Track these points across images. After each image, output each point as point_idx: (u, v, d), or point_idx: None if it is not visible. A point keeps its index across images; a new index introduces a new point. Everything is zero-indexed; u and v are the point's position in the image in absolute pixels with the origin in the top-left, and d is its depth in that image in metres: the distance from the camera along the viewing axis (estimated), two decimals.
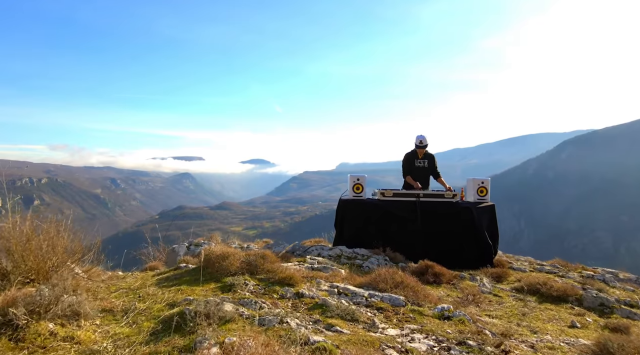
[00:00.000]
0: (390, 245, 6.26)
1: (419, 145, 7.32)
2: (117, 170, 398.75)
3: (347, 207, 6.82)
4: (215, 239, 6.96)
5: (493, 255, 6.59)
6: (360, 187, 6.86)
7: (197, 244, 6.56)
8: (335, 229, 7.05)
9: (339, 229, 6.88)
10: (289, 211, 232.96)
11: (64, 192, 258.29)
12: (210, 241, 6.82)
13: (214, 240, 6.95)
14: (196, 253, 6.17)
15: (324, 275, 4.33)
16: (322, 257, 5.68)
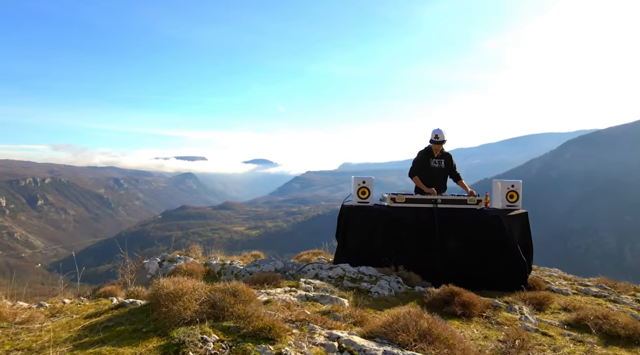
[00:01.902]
0: (403, 263, 5.16)
1: (434, 141, 6.21)
2: (120, 170, 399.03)
3: (351, 216, 5.72)
4: (194, 252, 5.89)
5: (527, 274, 5.48)
6: (367, 191, 5.76)
7: (171, 259, 5.49)
8: (337, 241, 5.96)
9: (342, 241, 5.78)
10: (292, 211, 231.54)
11: (67, 192, 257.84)
12: (188, 256, 5.74)
13: (192, 254, 5.87)
14: (168, 271, 5.09)
15: (319, 312, 3.23)
16: (320, 279, 4.59)
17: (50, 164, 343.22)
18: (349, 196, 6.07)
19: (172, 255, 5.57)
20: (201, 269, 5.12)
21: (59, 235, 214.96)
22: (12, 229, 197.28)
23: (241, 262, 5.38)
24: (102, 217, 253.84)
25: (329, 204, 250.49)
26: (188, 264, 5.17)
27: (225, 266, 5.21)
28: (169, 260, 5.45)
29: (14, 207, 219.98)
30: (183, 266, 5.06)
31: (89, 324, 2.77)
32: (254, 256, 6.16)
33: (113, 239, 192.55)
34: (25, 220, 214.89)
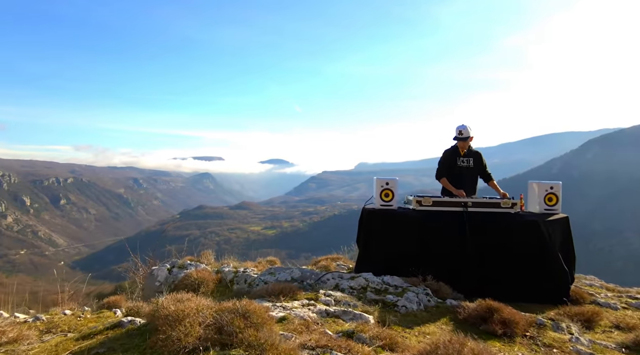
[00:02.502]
0: (432, 272, 4.70)
1: (458, 137, 5.70)
2: (139, 170, 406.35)
3: (373, 220, 5.29)
4: (206, 258, 5.54)
5: (569, 285, 4.96)
6: (390, 193, 5.32)
7: (181, 266, 5.14)
8: (358, 247, 5.54)
9: (363, 248, 5.36)
10: (308, 211, 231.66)
11: (88, 192, 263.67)
12: (200, 262, 5.39)
13: (204, 259, 5.52)
14: (178, 279, 4.76)
15: (342, 332, 2.83)
16: (340, 290, 4.18)
17: (72, 164, 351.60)
18: (371, 198, 5.64)
19: (183, 262, 5.23)
20: (212, 277, 4.77)
21: (80, 234, 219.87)
22: (36, 228, 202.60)
23: (255, 270, 5.01)
24: (122, 217, 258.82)
25: (345, 204, 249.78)
26: (199, 271, 4.83)
27: (238, 274, 4.84)
28: (179, 266, 5.11)
29: (37, 206, 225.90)
30: (193, 274, 4.71)
31: (79, 349, 2.43)
32: (269, 262, 5.79)
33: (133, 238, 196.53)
34: (48, 219, 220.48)
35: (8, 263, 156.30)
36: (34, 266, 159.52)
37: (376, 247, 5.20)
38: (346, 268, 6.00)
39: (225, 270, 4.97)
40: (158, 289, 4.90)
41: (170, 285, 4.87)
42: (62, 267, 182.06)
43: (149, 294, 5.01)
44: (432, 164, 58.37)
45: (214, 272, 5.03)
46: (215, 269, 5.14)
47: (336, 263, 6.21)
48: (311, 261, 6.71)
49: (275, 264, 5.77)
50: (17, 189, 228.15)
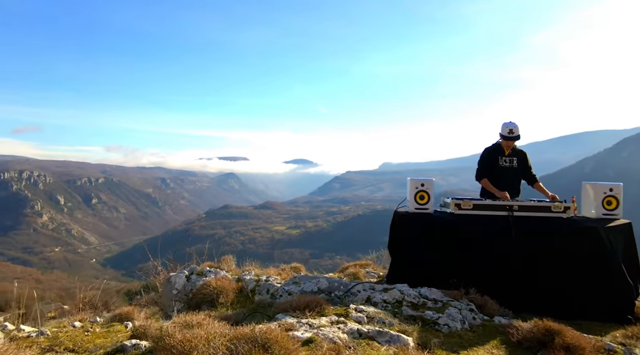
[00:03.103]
0: (474, 284, 4.21)
1: (507, 137, 5.19)
2: (167, 170, 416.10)
3: (407, 225, 4.82)
4: (226, 264, 5.20)
5: (635, 301, 4.35)
6: (426, 195, 4.84)
7: (200, 272, 4.82)
8: (390, 254, 5.08)
9: (396, 256, 4.90)
10: (332, 211, 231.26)
11: (118, 192, 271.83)
12: (220, 268, 5.06)
13: (224, 265, 5.18)
14: (196, 287, 4.42)
15: None
16: (373, 304, 3.74)
17: (103, 164, 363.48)
18: (404, 201, 5.18)
19: (201, 268, 4.91)
20: (232, 286, 4.42)
21: (111, 233, 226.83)
22: (69, 226, 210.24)
23: (279, 278, 4.63)
24: (150, 216, 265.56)
25: (369, 204, 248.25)
26: (218, 279, 4.49)
27: (260, 283, 4.48)
28: (198, 273, 4.78)
29: (71, 205, 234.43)
30: (212, 282, 4.38)
31: None
32: (293, 269, 5.41)
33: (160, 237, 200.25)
34: (81, 218, 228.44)
35: (44, 260, 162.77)
36: (68, 263, 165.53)
37: (410, 254, 4.73)
38: (376, 276, 5.56)
39: (246, 278, 4.61)
40: (175, 297, 4.59)
41: (187, 294, 4.55)
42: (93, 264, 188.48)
43: (166, 302, 4.71)
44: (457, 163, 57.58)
45: (235, 280, 4.68)
46: (236, 277, 4.79)
47: (365, 270, 5.77)
48: (338, 268, 6.29)
49: (300, 271, 5.38)
50: (52, 188, 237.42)
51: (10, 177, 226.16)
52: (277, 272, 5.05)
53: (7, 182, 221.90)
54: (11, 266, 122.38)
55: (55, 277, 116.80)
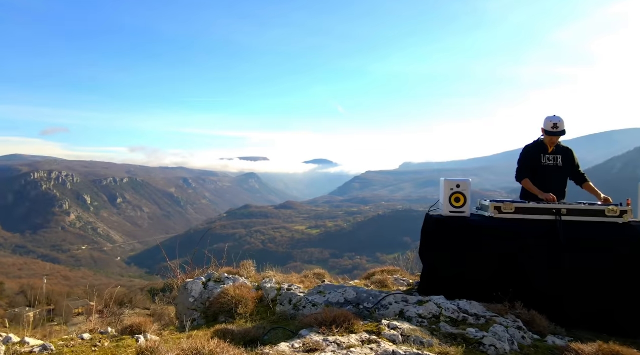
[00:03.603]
0: (520, 297, 3.77)
1: (551, 132, 4.71)
2: (189, 170, 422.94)
3: (441, 230, 4.41)
4: (246, 269, 4.89)
5: None
6: (462, 198, 4.41)
7: (217, 279, 4.53)
8: (422, 261, 4.67)
9: (428, 264, 4.49)
10: (352, 211, 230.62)
11: (142, 191, 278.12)
12: (239, 274, 4.76)
13: (244, 271, 4.88)
14: (214, 295, 4.13)
15: None
16: (407, 319, 3.35)
17: (127, 164, 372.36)
18: (436, 203, 4.78)
19: (219, 275, 4.61)
20: (252, 295, 4.11)
21: (135, 231, 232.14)
22: (96, 225, 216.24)
23: (302, 287, 4.29)
24: (172, 215, 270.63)
25: (389, 204, 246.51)
26: (237, 287, 4.19)
27: (282, 291, 4.15)
28: (215, 280, 4.50)
29: (97, 204, 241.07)
30: (230, 290, 4.08)
31: None
32: (316, 276, 5.06)
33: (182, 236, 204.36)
34: (107, 217, 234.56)
35: (72, 258, 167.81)
36: (94, 261, 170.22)
37: (445, 263, 4.32)
38: (405, 284, 5.16)
39: (267, 286, 4.29)
40: (192, 305, 4.31)
41: (204, 303, 4.27)
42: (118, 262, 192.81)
43: (182, 311, 4.44)
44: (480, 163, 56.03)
45: (254, 288, 4.37)
46: (256, 285, 4.48)
47: (393, 277, 5.37)
48: (364, 274, 5.92)
49: (324, 277, 5.04)
50: (79, 188, 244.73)
51: (40, 177, 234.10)
52: (299, 279, 4.72)
53: (37, 181, 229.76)
54: (41, 263, 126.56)
55: (82, 275, 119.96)
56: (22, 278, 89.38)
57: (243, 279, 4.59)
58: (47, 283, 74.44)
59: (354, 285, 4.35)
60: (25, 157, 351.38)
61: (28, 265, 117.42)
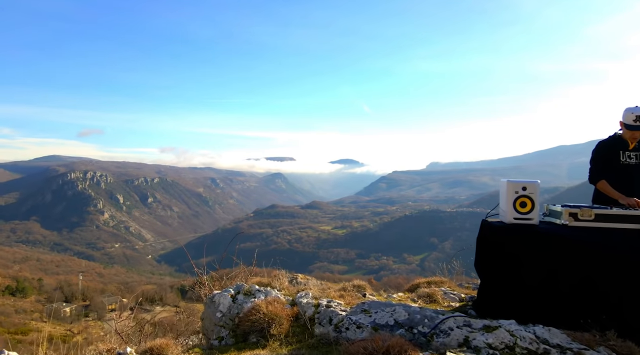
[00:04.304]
0: (609, 323, 3.12)
1: (633, 125, 4.00)
2: (216, 170, 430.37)
3: (503, 240, 3.79)
4: (278, 281, 4.41)
5: None
6: (529, 202, 3.77)
7: (247, 292, 4.06)
8: (479, 275, 4.07)
9: (488, 278, 3.88)
10: (378, 211, 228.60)
11: (172, 191, 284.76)
12: (271, 285, 4.28)
13: (276, 282, 4.40)
14: (243, 311, 3.67)
15: None
16: (474, 350, 2.77)
17: (158, 165, 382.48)
18: (495, 208, 4.15)
19: (249, 287, 4.15)
20: (287, 312, 3.62)
21: (165, 230, 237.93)
22: (128, 224, 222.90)
23: (342, 303, 3.77)
24: (201, 214, 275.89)
25: (416, 204, 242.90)
26: (269, 302, 3.71)
27: (320, 308, 3.64)
28: (245, 293, 4.03)
29: (129, 204, 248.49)
30: (262, 306, 3.60)
31: None
32: (356, 288, 4.52)
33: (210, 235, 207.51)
34: (138, 216, 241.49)
35: (105, 255, 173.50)
36: (127, 259, 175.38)
37: (508, 278, 3.70)
38: (457, 298, 4.56)
39: (302, 301, 3.79)
40: (219, 321, 3.86)
41: (233, 319, 3.81)
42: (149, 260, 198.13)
43: (209, 327, 4.00)
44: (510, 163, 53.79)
45: (289, 303, 3.88)
46: (290, 299, 3.99)
47: (441, 290, 4.78)
48: (406, 285, 5.35)
49: (365, 290, 4.50)
50: (112, 187, 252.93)
51: (76, 177, 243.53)
52: (338, 292, 4.21)
53: (73, 181, 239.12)
54: (77, 260, 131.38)
55: (115, 272, 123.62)
56: (59, 274, 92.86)
57: (275, 292, 4.11)
58: (82, 279, 76.94)
59: (402, 303, 3.79)
60: (62, 158, 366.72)
61: (65, 262, 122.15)
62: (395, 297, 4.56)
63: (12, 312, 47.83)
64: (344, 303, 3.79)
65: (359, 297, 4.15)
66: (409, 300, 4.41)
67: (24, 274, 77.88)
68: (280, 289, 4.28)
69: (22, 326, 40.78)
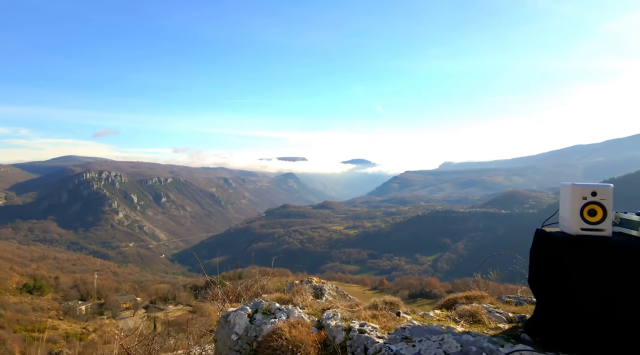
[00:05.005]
0: None
1: None
2: (229, 170, 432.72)
3: (567, 254, 3.20)
4: (301, 297, 3.89)
5: None
6: (600, 210, 3.18)
7: (267, 311, 3.55)
8: (535, 293, 3.49)
9: (546, 298, 3.30)
10: (390, 211, 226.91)
11: (185, 191, 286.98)
12: (292, 304, 3.76)
13: (298, 298, 3.87)
14: (263, 334, 3.16)
15: None
16: None
17: (171, 165, 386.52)
18: (554, 215, 3.57)
19: (269, 304, 3.63)
20: (313, 337, 3.10)
21: (178, 230, 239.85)
22: (142, 223, 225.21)
23: (377, 326, 3.23)
24: (213, 214, 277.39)
25: (428, 204, 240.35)
26: (292, 324, 3.19)
27: (352, 333, 3.11)
28: (264, 312, 3.52)
29: (143, 203, 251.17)
30: (285, 330, 3.09)
31: None
32: (388, 305, 3.98)
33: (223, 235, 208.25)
34: (152, 216, 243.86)
35: (120, 254, 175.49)
36: (140, 258, 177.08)
37: (574, 300, 3.12)
38: (504, 319, 3.98)
39: (331, 324, 3.26)
40: (234, 345, 3.36)
41: (251, 343, 3.30)
42: (163, 260, 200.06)
43: (223, 351, 3.50)
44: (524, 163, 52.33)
45: (314, 324, 3.36)
46: (316, 320, 3.46)
47: (484, 307, 4.19)
48: (441, 300, 4.77)
49: (398, 308, 3.96)
50: (126, 187, 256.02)
51: (91, 177, 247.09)
52: (369, 311, 3.66)
53: (89, 181, 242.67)
54: (92, 259, 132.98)
55: (130, 271, 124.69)
56: (75, 273, 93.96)
57: (298, 311, 3.59)
58: (97, 278, 77.71)
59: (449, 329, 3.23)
60: (78, 158, 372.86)
61: (81, 260, 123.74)
62: (432, 315, 4.01)
63: (30, 309, 48.39)
64: (379, 327, 3.26)
65: (393, 317, 3.62)
66: (449, 320, 3.85)
67: (41, 272, 79.02)
68: (303, 307, 3.76)
69: (38, 324, 41.13)
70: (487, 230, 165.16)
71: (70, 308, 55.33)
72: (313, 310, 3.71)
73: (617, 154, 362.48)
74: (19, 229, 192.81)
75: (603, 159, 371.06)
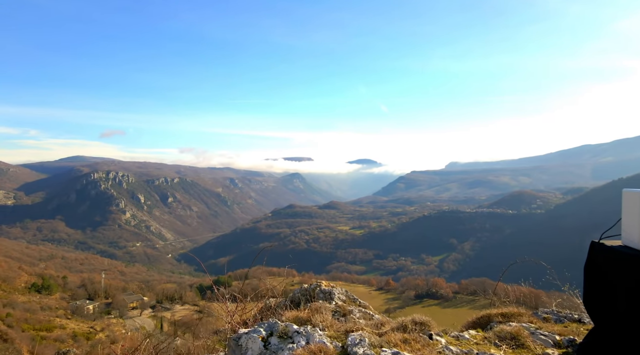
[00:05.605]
0: None
1: None
2: (235, 170, 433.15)
3: (631, 271, 2.75)
4: (320, 316, 3.45)
5: None
6: None
7: (283, 334, 3.12)
8: (591, 315, 3.03)
9: (606, 319, 2.85)
10: (396, 211, 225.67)
11: (191, 191, 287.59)
12: (310, 325, 3.32)
13: (318, 318, 3.43)
14: None
15: None
16: None
17: (177, 165, 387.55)
18: (615, 226, 3.10)
19: (285, 326, 3.20)
20: None
21: (185, 229, 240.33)
22: (149, 223, 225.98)
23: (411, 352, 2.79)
24: (220, 214, 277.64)
25: (435, 204, 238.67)
26: (313, 352, 2.75)
27: None
28: (280, 335, 3.10)
29: (150, 203, 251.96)
30: None
31: None
32: (418, 325, 3.52)
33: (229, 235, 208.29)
34: (159, 215, 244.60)
35: (127, 254, 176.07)
36: (147, 257, 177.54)
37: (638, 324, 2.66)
38: (551, 342, 3.52)
39: (358, 352, 2.82)
40: None
41: None
42: (169, 259, 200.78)
43: None
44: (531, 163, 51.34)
45: (339, 353, 2.92)
46: (340, 345, 3.03)
47: (525, 327, 3.73)
48: (473, 318, 4.32)
49: (430, 328, 3.51)
50: (134, 187, 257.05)
51: (99, 177, 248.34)
52: (398, 333, 3.22)
53: (96, 181, 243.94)
54: (100, 259, 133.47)
55: (137, 270, 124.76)
56: (83, 272, 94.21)
57: (319, 334, 3.15)
58: (104, 277, 77.80)
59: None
60: (86, 158, 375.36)
61: (88, 260, 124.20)
62: (468, 338, 3.56)
63: (38, 309, 48.40)
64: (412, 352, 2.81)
65: (427, 341, 3.17)
66: (488, 344, 3.40)
67: (49, 271, 79.30)
68: (323, 328, 3.33)
69: (47, 323, 41.08)
70: (493, 231, 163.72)
71: (78, 307, 55.41)
72: (335, 333, 3.27)
73: (626, 153, 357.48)
74: (27, 229, 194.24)
75: (612, 158, 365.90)
